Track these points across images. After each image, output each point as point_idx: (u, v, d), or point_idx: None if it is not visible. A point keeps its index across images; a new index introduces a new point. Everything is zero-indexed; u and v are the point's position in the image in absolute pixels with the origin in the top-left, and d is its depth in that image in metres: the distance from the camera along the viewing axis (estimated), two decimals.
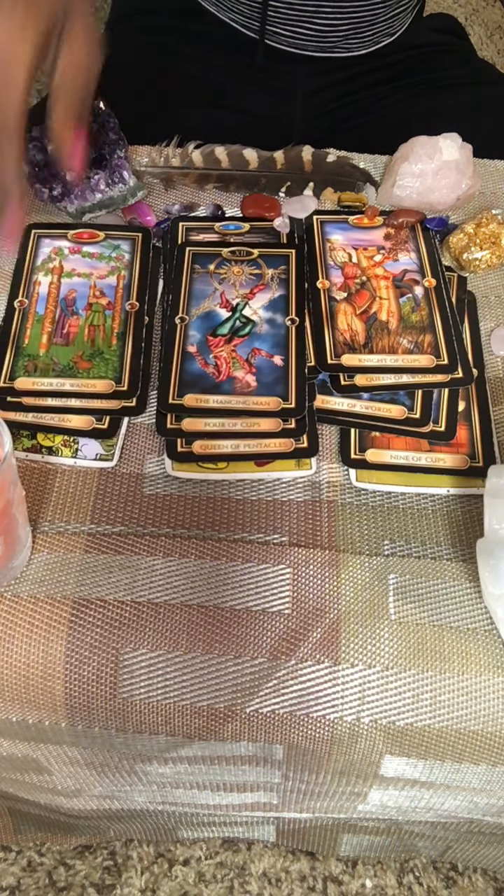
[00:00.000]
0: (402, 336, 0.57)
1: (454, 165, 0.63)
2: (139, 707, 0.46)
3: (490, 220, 0.61)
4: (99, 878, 0.82)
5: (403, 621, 0.47)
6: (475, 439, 0.54)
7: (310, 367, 0.56)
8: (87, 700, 0.46)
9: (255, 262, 0.61)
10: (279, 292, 0.59)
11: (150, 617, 0.47)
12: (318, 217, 0.64)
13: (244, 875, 0.83)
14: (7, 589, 0.47)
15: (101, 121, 0.62)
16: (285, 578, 0.48)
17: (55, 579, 0.48)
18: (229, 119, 0.75)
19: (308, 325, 0.58)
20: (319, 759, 0.49)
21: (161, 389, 0.54)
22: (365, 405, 0.55)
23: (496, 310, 0.61)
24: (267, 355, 0.56)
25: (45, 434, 0.53)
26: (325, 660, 0.46)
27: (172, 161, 0.66)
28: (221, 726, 0.46)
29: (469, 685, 0.46)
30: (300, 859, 0.83)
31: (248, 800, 0.61)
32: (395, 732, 0.46)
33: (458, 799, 0.54)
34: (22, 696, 0.47)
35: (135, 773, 0.56)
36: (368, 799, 0.56)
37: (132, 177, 0.63)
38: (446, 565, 0.49)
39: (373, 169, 0.68)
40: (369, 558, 0.49)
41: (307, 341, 0.57)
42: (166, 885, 0.82)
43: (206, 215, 0.64)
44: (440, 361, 0.56)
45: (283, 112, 0.80)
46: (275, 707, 0.46)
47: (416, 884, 0.83)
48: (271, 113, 0.79)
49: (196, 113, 0.76)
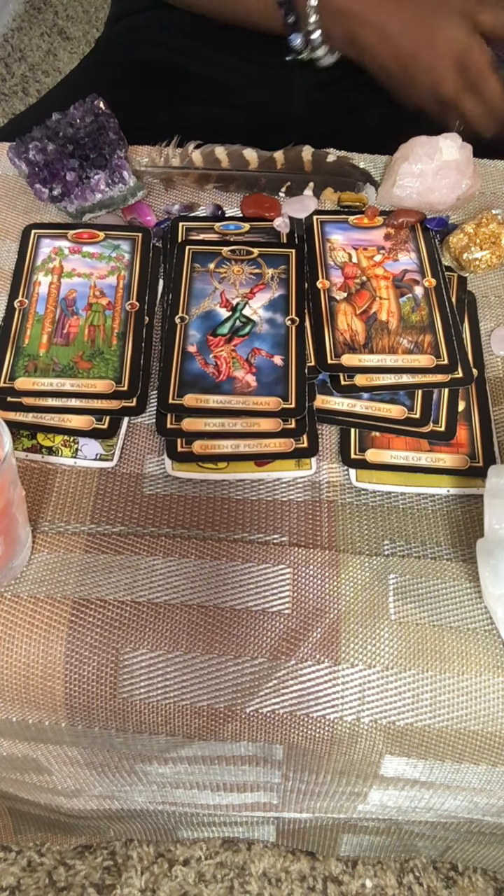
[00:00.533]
0: (402, 336, 0.57)
1: (454, 165, 0.63)
2: (139, 707, 0.46)
3: (490, 220, 0.61)
4: (99, 878, 0.82)
5: (403, 621, 0.47)
6: (475, 439, 0.54)
7: (310, 368, 0.56)
8: (87, 700, 0.46)
9: (255, 261, 0.61)
10: (279, 292, 0.59)
11: (150, 617, 0.47)
12: (318, 217, 0.64)
13: (244, 875, 0.83)
14: (7, 589, 0.47)
15: (101, 121, 0.63)
16: (285, 578, 0.48)
17: (55, 579, 0.48)
18: (230, 116, 0.75)
19: (308, 326, 0.58)
20: (319, 759, 0.49)
21: (161, 389, 0.54)
22: (365, 405, 0.55)
23: (496, 310, 0.61)
24: (267, 355, 0.56)
25: (45, 434, 0.53)
26: (325, 660, 0.46)
27: (172, 161, 0.66)
28: (221, 726, 0.46)
29: (469, 685, 0.46)
30: (300, 859, 0.83)
31: (248, 800, 0.61)
32: (395, 732, 0.46)
33: (458, 799, 0.54)
34: (22, 696, 0.47)
35: (135, 773, 0.56)
36: (368, 799, 0.56)
37: (132, 177, 0.63)
38: (446, 565, 0.49)
39: (373, 169, 0.68)
40: (369, 558, 0.49)
41: (307, 341, 0.57)
42: (166, 885, 0.82)
43: (207, 215, 0.64)
44: (440, 361, 0.56)
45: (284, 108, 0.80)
46: (275, 707, 0.46)
47: (416, 884, 0.83)
48: (272, 109, 0.79)
49: (196, 110, 0.76)
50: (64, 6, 1.84)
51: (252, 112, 0.77)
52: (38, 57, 1.73)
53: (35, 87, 1.67)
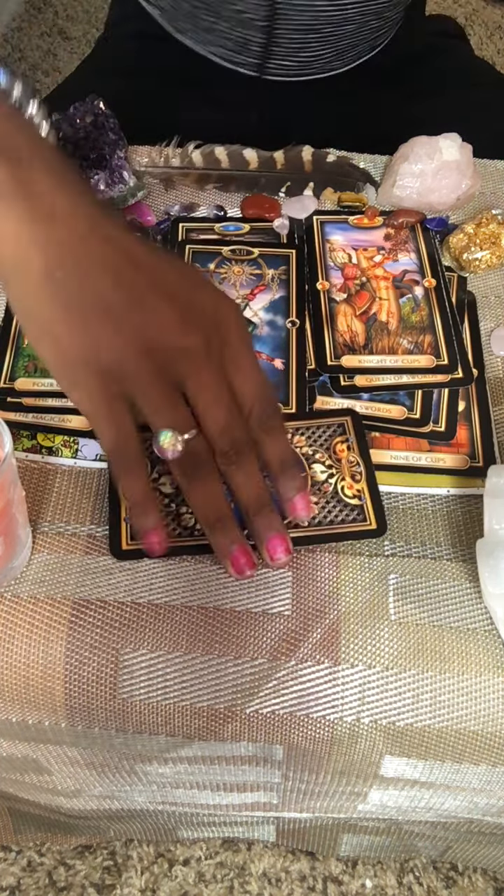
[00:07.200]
0: (402, 337, 0.57)
1: (454, 165, 0.63)
2: (139, 707, 0.46)
3: (490, 220, 0.61)
4: (99, 878, 0.82)
5: (403, 622, 0.47)
6: (475, 439, 0.54)
7: (310, 371, 0.55)
8: (87, 700, 0.46)
9: (255, 261, 0.61)
10: (280, 293, 0.59)
11: (151, 618, 0.47)
12: (318, 217, 0.64)
13: (244, 875, 0.83)
14: (7, 589, 0.47)
15: (101, 121, 0.62)
16: (285, 580, 0.48)
17: (55, 580, 0.48)
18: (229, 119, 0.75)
19: (308, 327, 0.58)
20: (319, 760, 0.49)
21: None
22: (365, 405, 0.55)
23: (496, 310, 0.61)
24: (267, 358, 0.56)
25: (45, 434, 0.53)
26: (325, 660, 0.46)
27: (172, 161, 0.66)
28: (221, 727, 0.46)
29: (469, 685, 0.46)
30: (300, 859, 0.83)
31: (248, 800, 0.61)
32: (395, 733, 0.46)
33: (458, 799, 0.54)
34: (22, 696, 0.47)
35: (135, 773, 0.56)
36: (368, 799, 0.56)
37: (132, 177, 0.63)
38: (446, 565, 0.49)
39: (373, 169, 0.68)
40: (369, 559, 0.49)
41: (307, 343, 0.57)
42: (166, 885, 0.82)
43: (207, 216, 0.64)
44: (440, 362, 0.56)
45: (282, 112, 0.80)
46: (275, 707, 0.46)
47: (416, 884, 0.83)
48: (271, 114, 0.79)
49: (196, 113, 0.76)
50: (64, 6, 1.84)
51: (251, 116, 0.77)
52: (38, 57, 1.73)
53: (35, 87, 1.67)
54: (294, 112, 0.80)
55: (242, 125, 0.73)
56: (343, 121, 0.80)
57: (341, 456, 0.51)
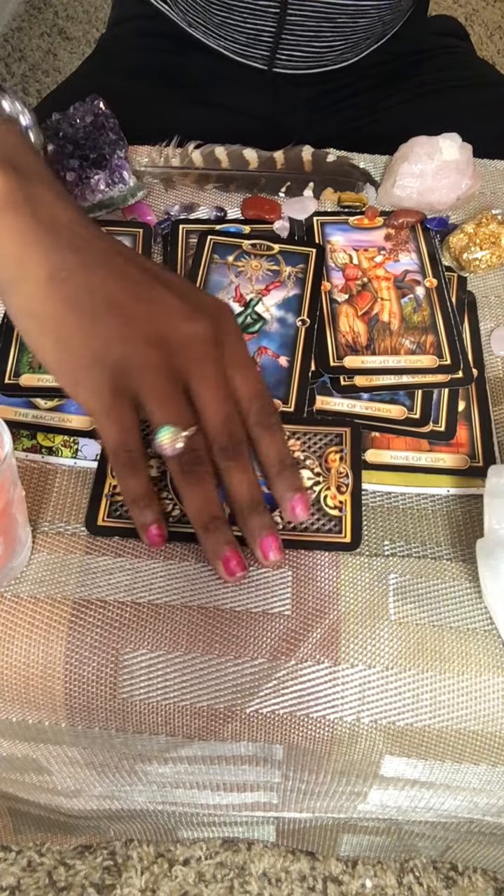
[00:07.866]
0: (404, 337, 0.57)
1: (454, 165, 0.63)
2: (139, 707, 0.46)
3: (490, 220, 0.61)
4: (99, 878, 0.82)
5: (403, 621, 0.47)
6: (475, 439, 0.54)
7: (312, 372, 0.55)
8: (87, 700, 0.46)
9: (274, 257, 0.61)
10: (294, 291, 0.59)
11: (151, 618, 0.47)
12: (318, 218, 0.64)
13: (244, 875, 0.83)
14: (7, 589, 0.47)
15: (101, 121, 0.62)
16: (285, 580, 0.48)
17: (55, 580, 0.48)
18: (230, 120, 0.75)
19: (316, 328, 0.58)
20: (319, 759, 0.49)
21: None
22: (365, 405, 0.55)
23: (496, 310, 0.61)
24: (273, 355, 0.56)
25: (45, 434, 0.53)
26: (325, 660, 0.46)
27: (172, 161, 0.66)
28: (221, 726, 0.46)
29: (469, 685, 0.46)
30: (300, 859, 0.83)
31: (248, 799, 0.61)
32: (395, 732, 0.46)
33: (458, 799, 0.54)
34: (22, 696, 0.47)
35: (135, 773, 0.56)
36: (368, 799, 0.56)
37: (132, 177, 0.63)
38: (446, 565, 0.49)
39: (373, 169, 0.68)
40: (369, 559, 0.49)
41: (315, 344, 0.57)
42: (166, 885, 0.82)
43: (208, 217, 0.64)
44: (443, 362, 0.56)
45: (285, 113, 0.80)
46: (275, 707, 0.46)
47: (416, 884, 0.83)
48: (272, 114, 0.79)
49: (197, 113, 0.76)
50: (64, 6, 1.84)
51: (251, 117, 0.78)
52: (38, 57, 1.73)
53: (35, 87, 1.67)
54: (296, 110, 0.80)
55: (243, 124, 0.73)
56: (343, 121, 0.80)
57: (332, 466, 0.51)
